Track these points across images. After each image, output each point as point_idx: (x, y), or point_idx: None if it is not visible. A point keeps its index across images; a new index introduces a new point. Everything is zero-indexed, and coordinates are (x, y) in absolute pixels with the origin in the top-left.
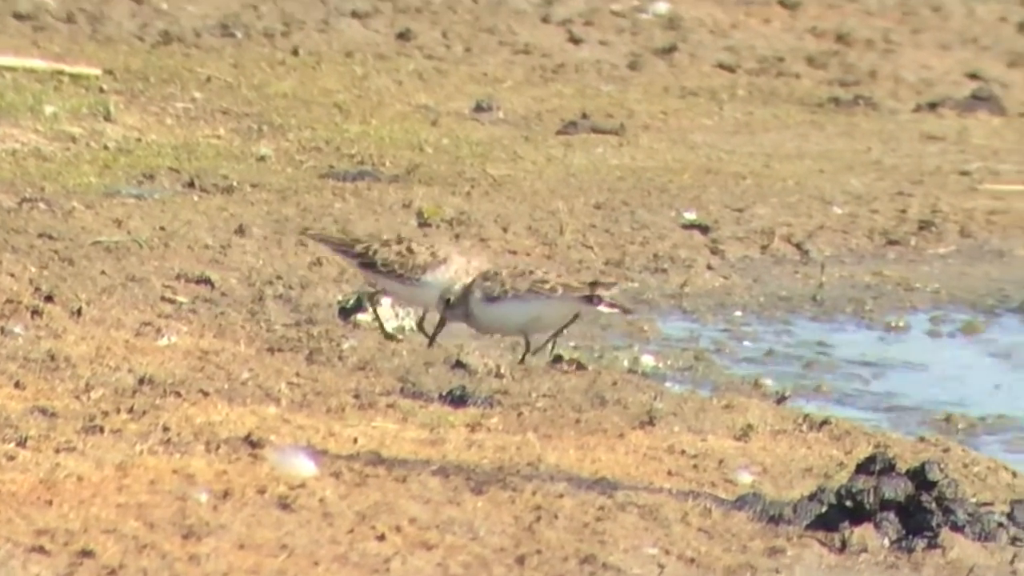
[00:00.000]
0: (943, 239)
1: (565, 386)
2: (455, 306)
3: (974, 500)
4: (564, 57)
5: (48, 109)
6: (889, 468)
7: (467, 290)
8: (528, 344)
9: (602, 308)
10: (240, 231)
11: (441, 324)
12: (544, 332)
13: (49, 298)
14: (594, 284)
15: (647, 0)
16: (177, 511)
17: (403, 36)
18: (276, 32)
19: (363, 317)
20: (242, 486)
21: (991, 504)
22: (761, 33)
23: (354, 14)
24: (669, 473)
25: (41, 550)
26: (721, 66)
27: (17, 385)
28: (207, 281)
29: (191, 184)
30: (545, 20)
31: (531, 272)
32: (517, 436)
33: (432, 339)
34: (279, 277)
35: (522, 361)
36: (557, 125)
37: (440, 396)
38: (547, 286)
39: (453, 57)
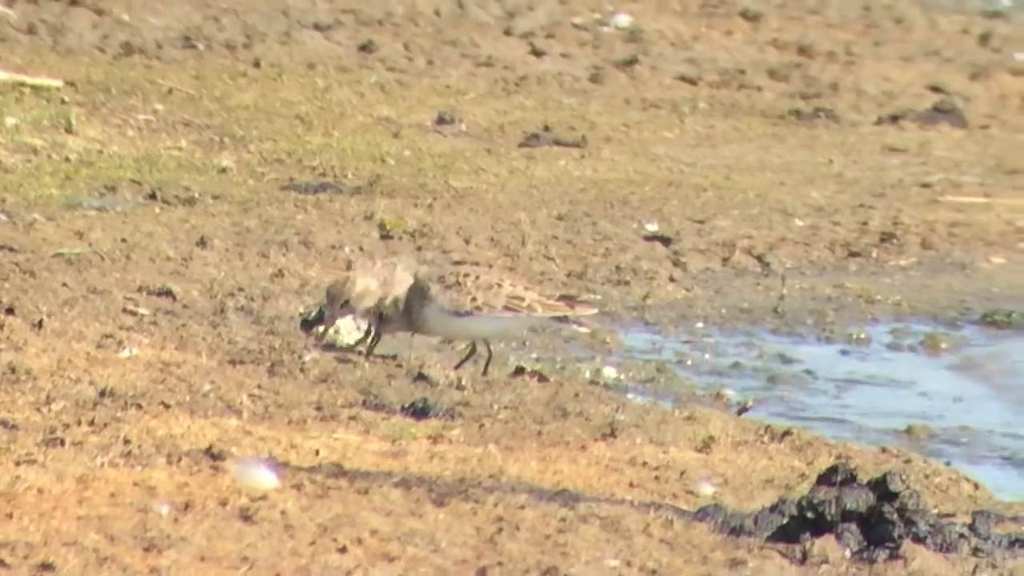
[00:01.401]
0: (905, 251)
1: (527, 398)
2: (391, 319)
3: (936, 511)
4: (526, 70)
5: (9, 121)
6: (851, 479)
7: (419, 299)
8: (491, 354)
9: (573, 325)
10: (202, 243)
11: (376, 338)
12: (507, 341)
13: (10, 310)
14: (567, 298)
15: (609, 13)
16: (138, 523)
17: (365, 48)
18: (238, 44)
19: (322, 330)
20: (203, 498)
21: (953, 515)
22: (723, 45)
23: (316, 26)
24: (631, 485)
25: (1, 563)
26: (683, 79)
27: None
28: (168, 293)
29: (153, 196)
30: (507, 33)
31: (499, 284)
32: (479, 448)
33: (368, 353)
34: (241, 289)
35: (485, 372)
36: (519, 138)
37: (402, 408)
38: (524, 303)
39: (415, 69)
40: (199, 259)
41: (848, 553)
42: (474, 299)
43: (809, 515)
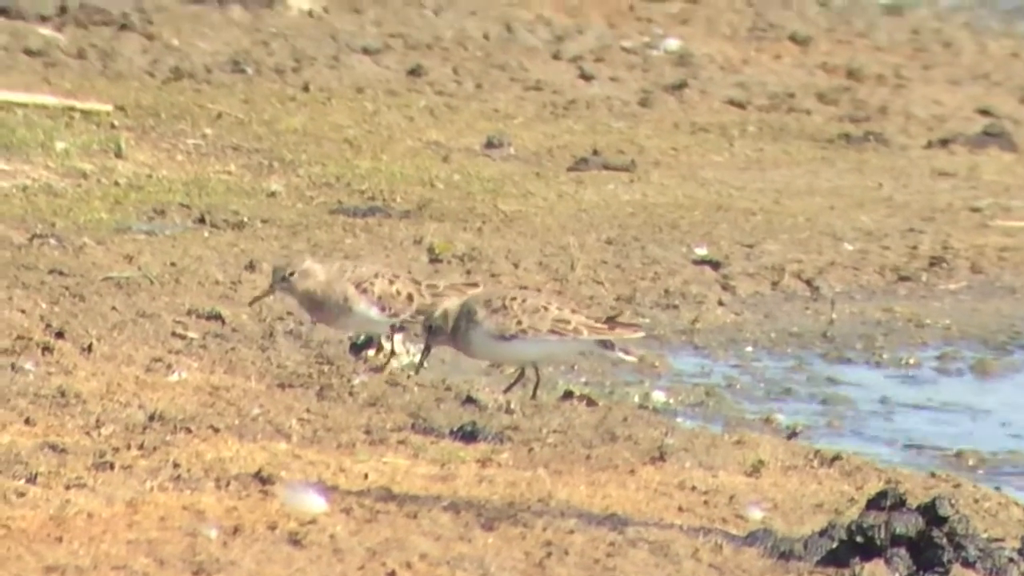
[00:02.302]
0: (954, 275)
1: (576, 422)
2: (440, 333)
3: (985, 536)
4: (575, 93)
5: (59, 145)
6: (900, 504)
7: (465, 322)
8: (539, 378)
9: (620, 354)
10: (251, 267)
11: (427, 351)
12: (555, 365)
13: (60, 334)
14: (611, 320)
15: (657, 37)
16: (187, 547)
17: (414, 72)
18: (287, 68)
19: (373, 353)
20: (252, 522)
21: (1002, 540)
22: (772, 69)
23: (365, 51)
24: (680, 509)
25: None
26: (732, 102)
27: (27, 421)
28: (218, 317)
29: (202, 220)
30: (556, 57)
31: (545, 307)
32: (528, 472)
33: (419, 368)
34: (289, 313)
35: (533, 396)
36: (568, 161)
37: (451, 432)
38: (570, 326)
39: (464, 93)
40: (248, 283)
41: None
42: (519, 322)
43: (859, 539)
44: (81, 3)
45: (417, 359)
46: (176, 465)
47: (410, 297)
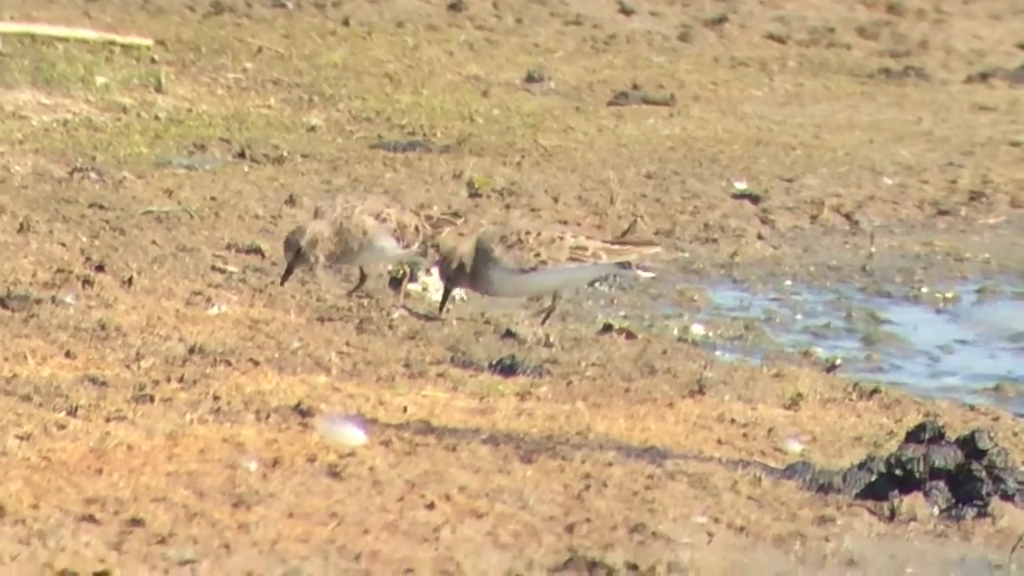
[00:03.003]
0: (993, 209)
1: (615, 355)
2: (460, 277)
3: None
4: (615, 28)
5: (99, 80)
6: (939, 437)
7: (483, 262)
8: (554, 306)
9: (639, 271)
10: (290, 201)
11: (446, 295)
12: (571, 291)
13: (100, 268)
14: (625, 238)
15: None
16: (227, 480)
17: (454, 7)
18: (327, 3)
19: (413, 287)
20: (292, 455)
21: None
22: (811, 4)
23: None
24: (719, 442)
25: (91, 519)
26: (771, 37)
27: (68, 354)
28: (257, 251)
29: (242, 154)
30: None
31: (560, 237)
32: (566, 405)
33: (440, 309)
34: None
35: (544, 322)
36: (608, 96)
37: (490, 365)
38: (588, 252)
39: (504, 28)
40: (288, 217)
41: (936, 511)
42: (537, 254)
43: (897, 472)
44: None
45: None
46: (216, 398)
47: (417, 229)
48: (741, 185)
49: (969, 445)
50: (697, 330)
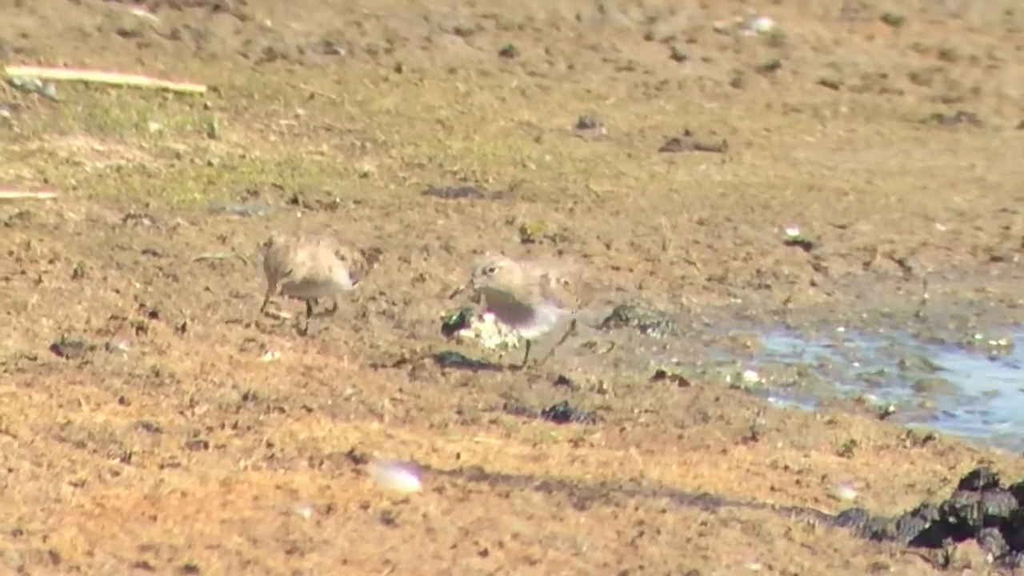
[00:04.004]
0: None
1: (667, 402)
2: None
3: None
4: (667, 74)
5: (153, 126)
6: (993, 484)
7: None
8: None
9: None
10: None
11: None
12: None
13: (154, 314)
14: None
15: (750, 17)
16: (281, 526)
17: (506, 53)
18: (379, 49)
19: (466, 333)
20: (345, 501)
21: None
22: (864, 50)
23: (457, 31)
24: (772, 488)
25: (145, 566)
26: (824, 83)
27: (122, 401)
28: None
29: (295, 200)
30: (648, 37)
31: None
32: (620, 451)
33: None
34: (382, 293)
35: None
36: (660, 142)
37: (543, 412)
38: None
39: (556, 74)
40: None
41: (990, 558)
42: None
43: (951, 520)
44: None
45: (508, 339)
46: (269, 444)
47: (361, 265)
48: (793, 231)
49: (1023, 492)
50: (750, 377)
